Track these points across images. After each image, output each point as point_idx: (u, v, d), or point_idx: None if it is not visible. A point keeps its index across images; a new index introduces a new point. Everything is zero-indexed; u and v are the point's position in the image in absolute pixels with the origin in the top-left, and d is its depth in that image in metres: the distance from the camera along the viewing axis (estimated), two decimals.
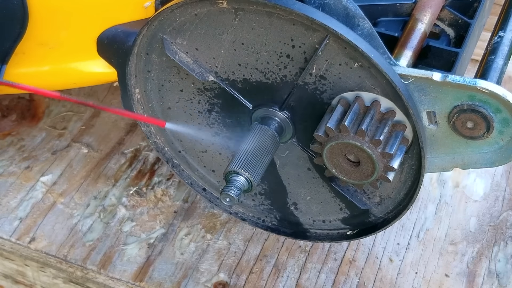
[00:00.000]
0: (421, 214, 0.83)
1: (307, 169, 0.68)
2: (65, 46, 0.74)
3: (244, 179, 0.61)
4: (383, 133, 0.59)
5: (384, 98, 0.59)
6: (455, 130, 0.59)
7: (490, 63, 0.62)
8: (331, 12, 0.58)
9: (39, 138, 0.89)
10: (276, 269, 0.77)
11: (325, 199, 0.70)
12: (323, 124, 0.60)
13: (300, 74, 0.61)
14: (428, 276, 0.77)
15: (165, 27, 0.63)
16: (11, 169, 0.86)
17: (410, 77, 0.58)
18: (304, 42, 0.59)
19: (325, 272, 0.77)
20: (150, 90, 0.70)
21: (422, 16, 0.65)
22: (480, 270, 0.78)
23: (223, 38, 0.62)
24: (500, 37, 0.64)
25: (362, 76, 0.59)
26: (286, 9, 0.57)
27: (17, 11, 0.69)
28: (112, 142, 0.89)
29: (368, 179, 0.62)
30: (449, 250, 0.79)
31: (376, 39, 0.58)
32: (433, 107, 0.59)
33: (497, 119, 0.57)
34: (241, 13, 0.60)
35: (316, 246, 0.79)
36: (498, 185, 0.86)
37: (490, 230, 0.81)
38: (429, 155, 0.62)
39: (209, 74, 0.65)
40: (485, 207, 0.84)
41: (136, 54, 0.67)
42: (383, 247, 0.79)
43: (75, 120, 0.92)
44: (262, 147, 0.63)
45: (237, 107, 0.66)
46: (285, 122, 0.65)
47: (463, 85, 0.56)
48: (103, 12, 0.73)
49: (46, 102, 0.93)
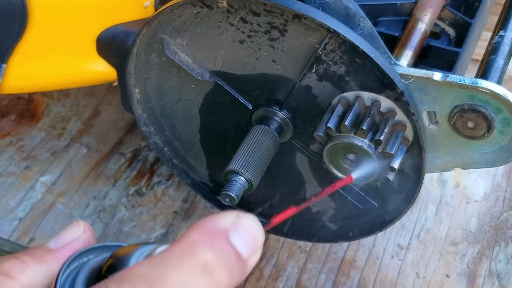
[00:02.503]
0: (422, 214, 0.82)
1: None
2: (65, 45, 0.74)
3: (244, 179, 0.61)
4: (383, 133, 0.59)
5: (385, 98, 0.59)
6: (455, 130, 0.59)
7: (491, 63, 0.61)
8: (331, 11, 0.58)
9: (38, 138, 0.89)
10: (276, 269, 0.77)
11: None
12: (323, 124, 0.60)
13: (300, 74, 0.61)
14: (428, 277, 0.77)
15: (165, 27, 0.63)
16: (10, 169, 0.85)
17: (410, 77, 0.57)
18: (304, 42, 0.59)
19: (325, 272, 0.77)
20: (149, 90, 0.70)
21: (423, 16, 0.65)
22: (481, 271, 0.77)
23: (223, 38, 0.62)
24: (500, 36, 0.64)
25: (363, 76, 0.59)
26: (286, 9, 0.57)
27: (17, 10, 0.68)
28: (111, 142, 0.89)
29: (368, 179, 0.61)
30: (450, 251, 0.79)
31: (376, 39, 0.58)
32: (433, 107, 0.58)
33: (498, 119, 0.57)
34: (241, 12, 0.59)
35: (316, 246, 0.79)
36: (499, 185, 0.86)
37: (491, 231, 0.81)
38: (430, 155, 0.61)
39: (209, 74, 0.65)
40: (486, 207, 0.84)
41: (135, 54, 0.66)
42: (383, 247, 0.79)
43: (75, 120, 0.91)
44: (262, 147, 0.63)
45: (237, 107, 0.66)
46: (285, 122, 0.64)
47: (463, 85, 0.56)
48: (102, 12, 0.73)
49: (46, 102, 0.93)
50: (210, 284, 0.33)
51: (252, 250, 0.35)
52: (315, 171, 0.68)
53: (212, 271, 0.33)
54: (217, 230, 0.35)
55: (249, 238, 0.35)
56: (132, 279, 0.32)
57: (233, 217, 0.35)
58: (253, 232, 0.35)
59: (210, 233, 0.34)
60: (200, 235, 0.34)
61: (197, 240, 0.34)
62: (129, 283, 0.32)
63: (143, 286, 0.32)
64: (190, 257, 0.33)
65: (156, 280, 0.32)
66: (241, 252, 0.35)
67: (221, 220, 0.35)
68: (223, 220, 0.35)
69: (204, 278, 0.33)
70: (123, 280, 0.32)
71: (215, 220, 0.35)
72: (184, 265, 0.33)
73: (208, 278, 0.33)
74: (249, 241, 0.35)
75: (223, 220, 0.35)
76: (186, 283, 0.32)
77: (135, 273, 0.32)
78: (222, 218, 0.35)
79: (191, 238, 0.34)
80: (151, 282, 0.32)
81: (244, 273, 0.35)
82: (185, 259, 0.33)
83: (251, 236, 0.35)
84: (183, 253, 0.33)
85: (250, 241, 0.35)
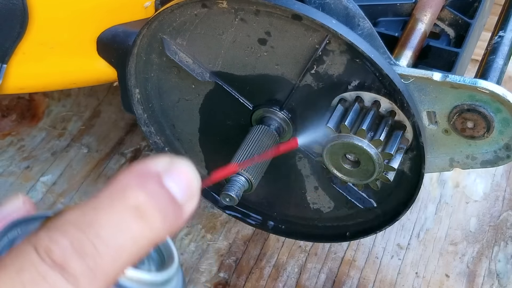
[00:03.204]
0: (421, 214, 0.83)
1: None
2: (65, 46, 0.74)
3: (244, 179, 0.61)
4: (383, 133, 0.59)
5: (384, 98, 0.59)
6: (455, 130, 0.59)
7: (490, 63, 0.62)
8: (331, 12, 0.58)
9: (39, 138, 0.89)
10: (276, 269, 0.77)
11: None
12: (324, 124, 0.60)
13: (300, 74, 0.61)
14: (428, 276, 0.77)
15: (165, 27, 0.63)
16: (11, 169, 0.85)
17: (410, 77, 0.57)
18: (304, 42, 0.59)
19: (325, 272, 0.77)
20: (150, 90, 0.70)
21: (422, 16, 0.65)
22: (480, 270, 0.78)
23: (223, 38, 0.62)
24: (500, 37, 0.64)
25: (362, 76, 0.59)
26: (286, 9, 0.57)
27: (17, 10, 0.68)
28: (112, 142, 0.89)
29: (368, 179, 0.61)
30: (449, 250, 0.79)
31: (376, 39, 0.58)
32: (433, 107, 0.59)
33: (497, 119, 0.57)
34: (241, 13, 0.59)
35: (316, 246, 0.79)
36: (498, 185, 0.86)
37: (490, 230, 0.81)
38: (429, 155, 0.61)
39: (209, 74, 0.65)
40: (485, 207, 0.84)
41: (136, 54, 0.66)
42: (383, 247, 0.79)
43: (75, 120, 0.92)
44: (262, 147, 0.63)
45: (237, 107, 0.66)
46: (285, 122, 0.64)
47: (463, 85, 0.56)
48: (103, 12, 0.73)
49: (46, 102, 0.93)
50: (143, 226, 0.32)
51: (188, 194, 0.34)
52: (315, 171, 0.68)
53: (144, 214, 0.32)
54: (149, 173, 0.33)
55: (184, 182, 0.34)
56: (63, 227, 0.31)
57: (166, 161, 0.34)
58: (188, 176, 0.34)
59: (141, 176, 0.33)
60: (131, 178, 0.33)
61: (128, 183, 0.33)
62: (60, 231, 0.31)
63: (74, 232, 0.31)
64: (121, 200, 0.32)
65: (88, 225, 0.31)
66: (176, 196, 0.33)
67: (154, 164, 0.33)
68: (156, 164, 0.33)
69: (137, 220, 0.32)
70: (55, 228, 0.31)
71: (147, 164, 0.33)
72: (115, 208, 0.32)
73: (140, 220, 0.32)
74: (183, 185, 0.34)
75: (155, 163, 0.33)
76: (118, 227, 0.31)
77: (66, 219, 0.31)
78: (154, 162, 0.34)
79: (122, 182, 0.33)
80: (82, 228, 0.31)
81: (180, 219, 0.34)
82: (116, 202, 0.32)
83: (186, 180, 0.34)
84: (114, 197, 0.32)
85: (185, 185, 0.34)
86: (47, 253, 0.30)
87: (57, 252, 0.30)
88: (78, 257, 0.31)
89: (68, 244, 0.31)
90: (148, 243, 0.33)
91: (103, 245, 0.31)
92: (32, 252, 0.31)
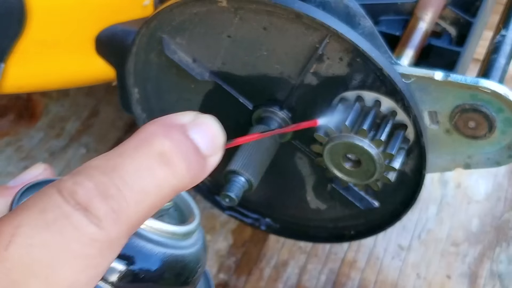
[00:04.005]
0: (423, 215, 0.82)
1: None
2: (64, 45, 0.74)
3: (244, 179, 0.61)
4: (384, 133, 0.58)
5: (386, 97, 0.59)
6: (457, 130, 0.59)
7: (492, 62, 0.61)
8: (332, 11, 0.58)
9: (37, 138, 0.89)
10: (276, 270, 0.77)
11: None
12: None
13: (300, 73, 0.60)
14: (429, 277, 0.76)
15: (164, 26, 0.63)
16: (9, 170, 0.85)
17: (411, 77, 0.57)
18: (304, 41, 0.58)
19: (325, 273, 0.77)
20: (149, 90, 0.69)
21: (424, 15, 0.65)
22: (482, 271, 0.77)
23: (222, 38, 0.62)
24: (502, 36, 0.63)
25: (363, 75, 0.58)
26: (286, 8, 0.56)
27: (15, 9, 0.68)
28: (110, 142, 0.89)
29: (369, 180, 0.61)
30: (451, 251, 0.79)
31: (377, 38, 0.58)
32: (434, 106, 0.58)
33: (500, 118, 0.57)
34: (241, 12, 0.59)
35: (317, 247, 0.79)
36: (500, 186, 0.85)
37: (492, 231, 0.81)
38: (431, 155, 0.61)
39: (209, 74, 0.65)
40: (487, 207, 0.83)
41: (135, 53, 0.66)
42: (384, 248, 0.79)
43: (74, 120, 0.91)
44: (262, 147, 0.62)
45: (237, 107, 0.66)
46: (285, 122, 0.64)
47: (465, 84, 0.56)
48: (101, 11, 0.72)
49: (44, 102, 0.93)
50: (168, 173, 0.32)
51: (212, 147, 0.35)
52: (315, 171, 0.68)
53: (169, 160, 0.33)
54: (175, 124, 0.34)
55: (209, 135, 0.35)
56: (88, 171, 0.31)
57: (192, 115, 0.35)
58: (213, 130, 0.35)
59: (168, 126, 0.34)
60: (157, 127, 0.34)
61: (154, 132, 0.33)
62: (84, 175, 0.31)
63: (98, 175, 0.31)
64: (147, 146, 0.33)
65: (112, 169, 0.31)
66: (200, 147, 0.34)
67: (180, 116, 0.34)
68: (182, 117, 0.34)
69: (161, 166, 0.32)
70: (79, 173, 0.31)
71: (173, 116, 0.34)
72: (140, 154, 0.32)
73: (165, 166, 0.32)
74: (208, 138, 0.35)
75: (181, 116, 0.35)
76: (142, 172, 0.32)
77: (90, 165, 0.32)
78: (180, 115, 0.35)
79: (147, 130, 0.34)
80: (106, 172, 0.31)
81: (203, 171, 0.34)
82: (142, 148, 0.33)
83: (211, 134, 0.35)
84: (139, 143, 0.33)
85: (210, 138, 0.35)
86: (71, 195, 0.30)
87: (81, 193, 0.30)
88: (102, 199, 0.31)
89: (92, 186, 0.31)
90: (172, 190, 0.33)
91: (128, 188, 0.31)
92: (56, 194, 0.31)
